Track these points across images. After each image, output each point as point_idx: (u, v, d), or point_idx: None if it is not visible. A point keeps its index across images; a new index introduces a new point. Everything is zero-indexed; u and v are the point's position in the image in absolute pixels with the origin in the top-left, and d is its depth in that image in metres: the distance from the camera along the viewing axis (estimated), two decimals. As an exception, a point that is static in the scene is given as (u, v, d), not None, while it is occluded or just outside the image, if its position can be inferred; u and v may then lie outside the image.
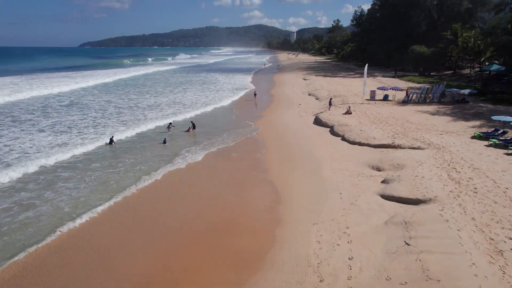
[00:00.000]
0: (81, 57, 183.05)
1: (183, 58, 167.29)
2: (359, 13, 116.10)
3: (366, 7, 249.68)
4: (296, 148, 22.67)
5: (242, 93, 48.97)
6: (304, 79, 63.96)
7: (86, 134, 25.88)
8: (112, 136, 24.30)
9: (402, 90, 37.52)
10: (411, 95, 35.64)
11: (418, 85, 49.28)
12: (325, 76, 67.76)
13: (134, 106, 37.65)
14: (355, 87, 49.18)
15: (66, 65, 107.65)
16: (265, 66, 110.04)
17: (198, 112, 35.11)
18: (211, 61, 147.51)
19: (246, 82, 64.65)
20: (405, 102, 34.92)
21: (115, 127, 28.23)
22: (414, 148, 20.24)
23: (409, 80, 54.84)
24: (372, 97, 35.50)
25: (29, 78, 65.39)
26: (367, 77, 64.45)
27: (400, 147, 20.68)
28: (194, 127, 28.65)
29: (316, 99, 41.33)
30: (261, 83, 61.99)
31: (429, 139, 21.57)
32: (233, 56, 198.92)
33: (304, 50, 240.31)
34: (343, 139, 23.84)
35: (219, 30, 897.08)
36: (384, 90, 37.07)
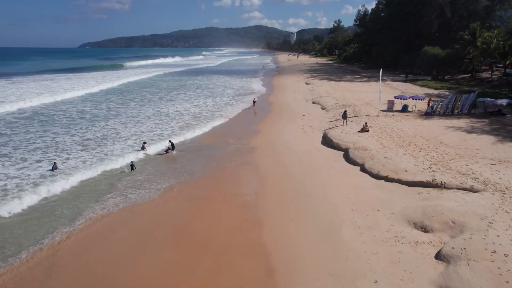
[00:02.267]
0: (78, 58, 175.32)
1: (184, 60, 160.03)
2: (362, 13, 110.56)
3: (370, 7, 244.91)
4: (302, 183, 17.03)
5: (247, 99, 43.41)
6: (306, 84, 58.41)
7: (26, 162, 20.11)
8: (55, 162, 18.98)
9: (423, 99, 31.93)
10: (435, 105, 30.07)
11: (435, 91, 43.79)
12: (329, 80, 62.14)
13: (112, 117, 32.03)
14: (365, 93, 43.61)
15: (59, 68, 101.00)
16: (264, 68, 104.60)
17: (186, 132, 29.38)
18: (218, 62, 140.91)
19: (251, 86, 59.21)
20: (428, 114, 29.32)
21: (73, 151, 22.51)
22: (465, 190, 14.60)
23: (423, 86, 49.20)
24: (390, 108, 29.87)
25: (8, 82, 59.88)
26: (377, 81, 59.03)
27: (445, 187, 15.04)
28: (173, 147, 23.17)
29: (322, 108, 35.70)
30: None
31: (481, 174, 15.92)
32: (238, 57, 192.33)
33: (305, 51, 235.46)
34: (363, 169, 18.18)
35: (219, 31, 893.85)
36: (403, 99, 31.44)
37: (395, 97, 31.86)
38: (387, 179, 16.61)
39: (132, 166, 19.87)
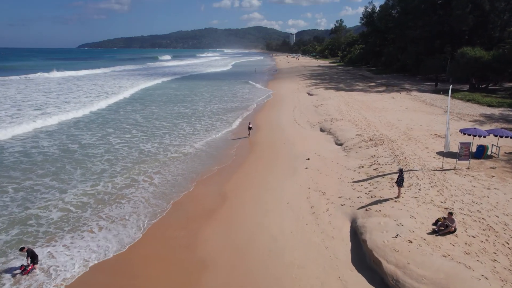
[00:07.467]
0: (73, 60, 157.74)
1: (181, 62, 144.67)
2: (370, 11, 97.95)
3: (377, 4, 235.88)
4: None
5: (239, 121, 30.37)
6: (309, 94, 45.50)
7: None
8: None
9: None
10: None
11: (495, 111, 31.02)
12: (337, 89, 49.18)
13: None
14: (393, 113, 30.65)
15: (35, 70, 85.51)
16: (256, 72, 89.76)
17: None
18: (231, 64, 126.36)
19: (252, 95, 46.15)
20: (531, 166, 16.42)
21: None
22: None
23: (468, 100, 36.34)
24: (464, 155, 16.83)
25: None
26: (398, 92, 45.65)
27: None
28: (33, 260, 10.52)
29: (338, 144, 22.63)
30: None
31: None
32: (244, 59, 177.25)
33: (304, 53, 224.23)
34: None
35: (218, 31, 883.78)
36: (477, 136, 18.32)
37: (462, 132, 18.88)
38: None
39: None
